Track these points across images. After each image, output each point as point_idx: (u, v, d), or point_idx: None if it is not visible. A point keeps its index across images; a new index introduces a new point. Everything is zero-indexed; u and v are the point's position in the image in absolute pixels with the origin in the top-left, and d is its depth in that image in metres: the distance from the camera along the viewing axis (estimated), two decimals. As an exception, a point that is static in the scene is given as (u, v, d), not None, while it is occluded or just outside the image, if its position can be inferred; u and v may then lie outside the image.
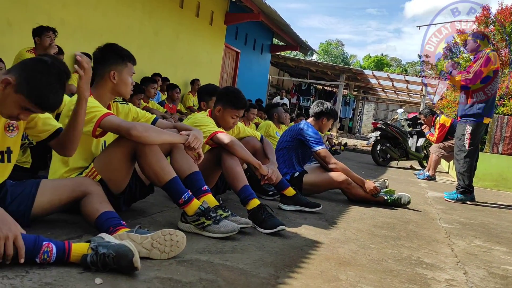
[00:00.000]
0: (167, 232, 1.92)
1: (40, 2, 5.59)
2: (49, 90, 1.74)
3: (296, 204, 3.40)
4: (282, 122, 6.42)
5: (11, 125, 1.93)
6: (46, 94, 1.73)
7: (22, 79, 1.71)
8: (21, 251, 1.54)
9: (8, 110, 1.74)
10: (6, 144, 1.93)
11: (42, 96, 1.73)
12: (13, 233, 1.53)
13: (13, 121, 1.92)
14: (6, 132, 1.91)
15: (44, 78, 1.73)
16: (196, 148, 2.41)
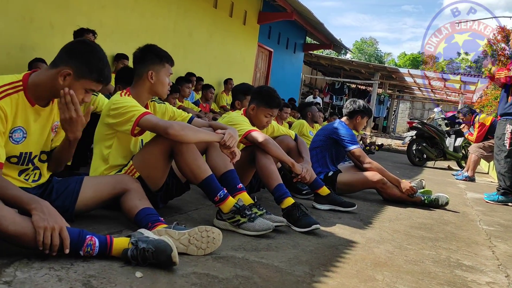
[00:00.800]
0: (203, 228, 1.96)
1: (80, 5, 5.78)
2: (103, 64, 1.84)
3: (330, 204, 3.38)
4: (316, 121, 6.39)
5: (57, 128, 2.00)
6: (102, 68, 1.83)
7: (79, 65, 1.81)
8: (66, 241, 1.60)
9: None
10: (48, 143, 2.01)
11: (100, 71, 1.82)
12: (59, 225, 1.59)
13: (56, 123, 1.99)
14: (53, 133, 1.99)
15: (95, 56, 1.83)
16: (232, 147, 2.44)
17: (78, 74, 1.81)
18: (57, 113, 1.97)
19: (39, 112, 1.90)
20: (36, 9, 5.17)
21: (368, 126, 15.64)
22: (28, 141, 1.88)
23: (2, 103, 1.73)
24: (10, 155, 1.83)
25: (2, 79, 1.79)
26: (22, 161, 1.89)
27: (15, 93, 1.79)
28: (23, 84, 1.82)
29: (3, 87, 1.76)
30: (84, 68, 1.82)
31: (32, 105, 1.85)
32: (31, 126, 1.87)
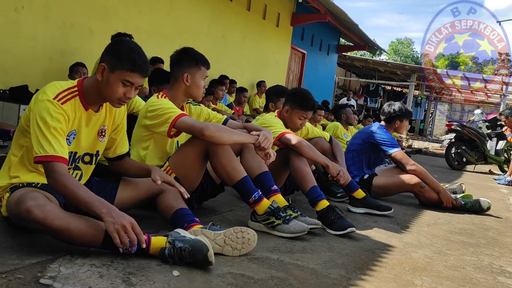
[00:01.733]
0: (239, 229, 1.97)
1: (118, 11, 5.94)
2: (133, 52, 1.86)
3: (366, 207, 3.32)
4: (350, 123, 6.30)
5: (103, 132, 2.06)
6: (133, 56, 1.85)
7: (110, 58, 1.86)
8: (140, 236, 1.64)
9: (114, 94, 1.87)
10: (97, 148, 2.07)
11: (130, 60, 1.84)
12: (129, 222, 1.63)
13: (105, 128, 2.05)
14: (99, 137, 2.05)
15: (123, 47, 1.87)
16: (266, 148, 2.43)
17: (111, 67, 1.86)
18: (105, 117, 2.04)
19: (91, 116, 1.96)
20: (76, 16, 5.35)
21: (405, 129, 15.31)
22: (77, 142, 1.95)
23: (65, 107, 1.81)
24: None
25: (60, 85, 1.86)
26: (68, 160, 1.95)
27: (73, 98, 1.86)
28: (78, 89, 1.90)
29: (63, 93, 1.83)
30: (115, 60, 1.85)
31: (86, 109, 1.93)
32: (82, 129, 1.94)
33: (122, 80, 1.86)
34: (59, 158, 1.72)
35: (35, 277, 1.46)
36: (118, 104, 1.93)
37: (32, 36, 4.88)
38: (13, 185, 1.83)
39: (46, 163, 1.71)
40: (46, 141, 1.71)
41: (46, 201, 1.64)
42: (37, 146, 1.71)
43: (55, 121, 1.75)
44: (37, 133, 1.73)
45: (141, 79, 1.90)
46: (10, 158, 1.89)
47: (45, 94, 1.79)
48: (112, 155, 2.17)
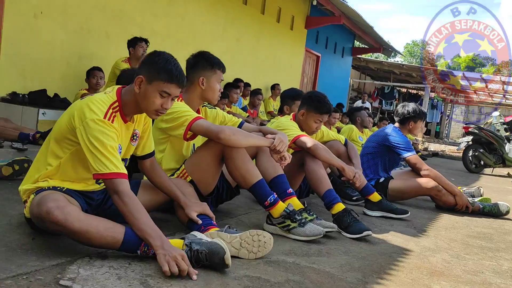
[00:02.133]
0: (255, 232, 1.97)
1: (133, 15, 6.00)
2: (170, 63, 1.90)
3: (381, 210, 3.29)
4: (365, 126, 6.27)
5: (135, 136, 2.08)
6: (170, 67, 1.88)
7: (148, 70, 1.89)
8: (190, 269, 1.64)
9: (152, 105, 1.89)
10: (130, 152, 2.10)
11: (167, 70, 1.87)
12: (180, 254, 1.65)
13: (136, 132, 2.07)
14: (132, 142, 2.07)
15: (161, 59, 1.90)
16: (282, 151, 2.43)
17: (149, 78, 1.88)
18: (136, 124, 2.06)
19: (129, 127, 2.00)
20: (93, 20, 5.43)
21: (420, 131, 15.14)
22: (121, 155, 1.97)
23: (115, 125, 1.85)
24: None
25: (102, 102, 1.86)
26: None
27: (116, 113, 1.90)
28: (119, 104, 1.92)
29: (109, 111, 1.85)
30: (152, 71, 1.88)
31: (125, 122, 1.96)
32: (123, 140, 1.98)
33: (159, 91, 1.87)
34: (121, 175, 1.75)
35: (55, 279, 1.48)
36: (155, 115, 1.94)
37: (50, 41, 4.97)
38: (39, 188, 1.86)
39: (109, 180, 1.74)
40: (106, 159, 1.74)
41: (66, 203, 1.66)
42: (97, 164, 1.74)
43: (111, 140, 1.79)
44: (94, 152, 1.75)
45: (178, 90, 1.91)
46: (39, 165, 1.91)
47: (94, 114, 1.80)
48: (141, 153, 2.19)
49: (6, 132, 3.59)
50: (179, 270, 1.61)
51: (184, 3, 6.94)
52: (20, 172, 2.83)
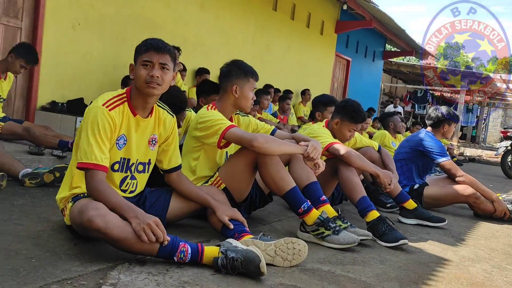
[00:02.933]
0: (289, 240, 1.97)
1: (166, 24, 6.13)
2: (147, 40, 2.00)
3: (417, 218, 3.22)
4: (398, 131, 6.15)
5: (153, 140, 2.13)
6: (145, 42, 1.99)
7: (134, 57, 2.00)
8: (164, 234, 1.71)
9: (139, 78, 1.95)
10: (148, 156, 2.14)
11: (143, 44, 1.98)
12: (153, 220, 1.72)
13: (155, 136, 2.13)
14: (150, 146, 2.12)
15: (140, 43, 2.00)
16: (315, 159, 2.42)
17: (135, 60, 1.99)
18: (154, 126, 2.11)
19: (139, 122, 2.04)
20: (128, 30, 5.58)
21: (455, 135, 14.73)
22: (128, 148, 2.03)
23: (113, 113, 1.92)
24: (114, 161, 2.00)
25: (111, 93, 2.00)
26: (122, 167, 2.04)
27: (121, 104, 1.98)
28: (127, 96, 2.01)
29: (112, 99, 1.96)
30: (135, 55, 1.99)
31: (134, 114, 2.01)
32: (131, 134, 2.03)
33: (142, 64, 1.95)
34: (99, 167, 1.84)
35: (98, 284, 1.53)
36: (147, 88, 1.95)
37: (87, 51, 5.13)
38: (74, 195, 1.93)
39: (87, 170, 1.83)
40: (90, 149, 1.83)
41: (106, 211, 1.71)
42: (82, 152, 1.84)
43: (102, 128, 1.87)
44: (84, 139, 1.86)
45: (157, 55, 1.95)
46: (72, 170, 1.99)
47: (96, 102, 1.93)
48: (167, 167, 2.23)
49: (46, 139, 3.73)
50: (155, 237, 1.68)
51: (215, 11, 7.04)
52: (61, 179, 2.90)
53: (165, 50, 1.97)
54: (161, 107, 2.16)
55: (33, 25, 4.63)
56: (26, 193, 2.72)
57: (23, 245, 1.80)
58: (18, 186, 2.84)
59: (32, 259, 1.67)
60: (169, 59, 1.98)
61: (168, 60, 1.98)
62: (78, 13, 4.96)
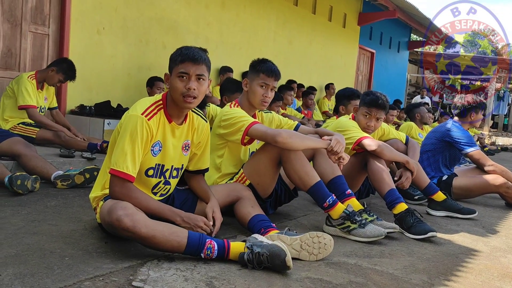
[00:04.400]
0: (315, 234, 1.98)
1: (188, 25, 6.20)
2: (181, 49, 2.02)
3: (446, 210, 3.17)
4: (425, 122, 6.04)
5: (187, 146, 2.16)
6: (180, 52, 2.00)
7: (169, 65, 2.02)
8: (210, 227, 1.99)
9: (176, 91, 1.96)
10: (182, 162, 2.18)
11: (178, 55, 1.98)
12: (201, 220, 1.97)
13: (189, 142, 2.15)
14: (183, 151, 2.15)
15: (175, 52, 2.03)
16: (339, 152, 2.42)
17: (170, 71, 2.00)
18: (188, 133, 2.14)
19: (174, 129, 2.07)
20: (151, 32, 5.67)
21: (486, 124, 14.33)
22: (163, 155, 2.06)
23: (151, 122, 1.94)
24: (148, 167, 2.03)
25: (148, 100, 2.01)
26: (156, 173, 2.07)
27: (158, 111, 2.00)
28: (163, 102, 2.03)
29: (150, 108, 1.97)
30: (170, 64, 2.00)
31: (169, 121, 2.04)
32: (166, 141, 2.05)
33: (178, 75, 1.95)
34: (129, 177, 1.88)
35: (128, 280, 1.58)
36: (184, 103, 1.97)
37: (112, 55, 5.25)
38: (106, 195, 1.99)
39: (118, 178, 1.87)
40: (124, 157, 1.87)
41: (134, 210, 1.76)
42: (117, 159, 1.88)
43: (140, 137, 1.89)
44: (120, 146, 1.89)
45: (194, 66, 1.94)
46: (105, 171, 2.03)
47: (135, 110, 1.95)
48: (193, 168, 2.26)
49: (76, 142, 3.84)
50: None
51: (236, 9, 7.07)
52: (91, 180, 3.02)
53: (201, 61, 1.97)
54: (195, 113, 2.17)
55: (59, 31, 4.77)
56: (58, 194, 2.81)
57: (57, 244, 1.87)
58: (51, 188, 2.95)
59: (65, 258, 1.73)
60: (205, 69, 1.99)
61: (204, 70, 1.98)
62: (103, 18, 5.08)
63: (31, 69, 4.52)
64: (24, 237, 1.94)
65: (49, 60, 4.69)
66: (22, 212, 2.35)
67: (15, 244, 1.84)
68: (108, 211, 1.81)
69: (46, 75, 3.99)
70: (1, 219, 2.18)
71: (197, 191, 2.28)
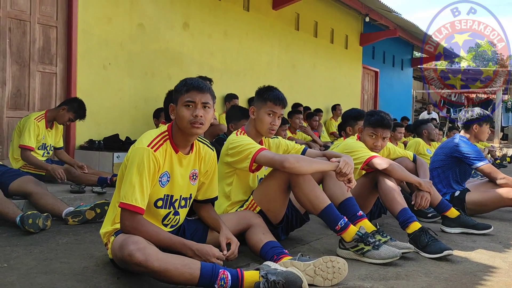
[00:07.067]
0: (328, 259, 1.95)
1: (192, 55, 6.31)
2: (185, 80, 2.06)
3: (461, 226, 3.12)
4: (432, 139, 5.99)
5: (194, 175, 2.17)
6: (184, 82, 2.04)
7: (174, 96, 2.05)
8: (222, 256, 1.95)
9: (182, 120, 1.98)
10: (190, 191, 2.18)
11: (183, 85, 2.02)
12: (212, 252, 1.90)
13: (196, 171, 2.16)
14: (191, 181, 2.15)
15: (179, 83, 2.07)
16: (348, 174, 2.40)
17: (175, 101, 2.02)
18: (195, 162, 2.15)
19: (181, 159, 2.08)
20: (156, 65, 5.77)
21: (496, 137, 14.20)
22: (171, 185, 2.07)
23: (157, 154, 1.96)
24: (157, 198, 2.04)
25: (154, 132, 2.04)
26: (165, 203, 2.07)
27: (164, 142, 2.02)
28: (169, 133, 2.05)
29: (156, 139, 1.99)
30: (175, 94, 2.03)
31: (176, 152, 2.05)
32: (174, 171, 2.06)
33: (185, 104, 1.98)
34: (138, 209, 1.88)
35: (141, 316, 1.56)
36: (191, 129, 1.98)
37: (119, 89, 5.34)
38: (117, 229, 1.99)
39: (128, 211, 1.88)
40: (132, 190, 1.87)
41: (146, 244, 1.76)
42: (125, 192, 1.88)
43: (147, 169, 1.91)
44: (127, 179, 1.90)
45: (199, 94, 1.98)
46: (115, 206, 2.04)
47: (140, 142, 1.97)
48: (202, 198, 2.26)
49: (86, 177, 3.87)
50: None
51: (238, 37, 7.19)
52: (102, 215, 3.02)
53: (206, 89, 2.01)
54: (201, 142, 2.19)
55: (66, 69, 4.87)
56: (69, 231, 2.82)
57: (70, 283, 1.87)
58: (62, 225, 2.95)
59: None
60: (209, 97, 2.03)
61: (209, 98, 2.02)
62: (108, 54, 5.18)
63: (40, 108, 4.61)
64: (36, 276, 1.94)
65: (57, 98, 4.78)
66: (34, 251, 2.35)
67: (27, 284, 1.84)
68: (120, 246, 1.80)
69: (57, 114, 4.06)
70: (14, 259, 2.18)
71: (207, 221, 2.27)
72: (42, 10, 4.67)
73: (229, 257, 2.03)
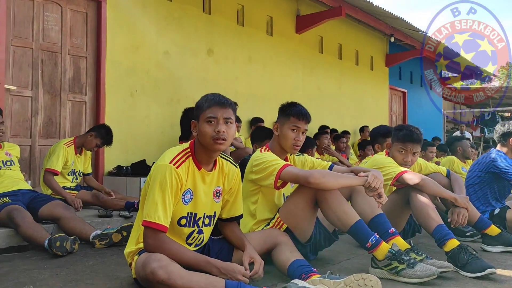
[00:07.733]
0: (359, 276, 1.85)
1: (217, 80, 6.38)
2: (206, 96, 2.06)
3: (503, 245, 2.95)
4: (467, 157, 5.76)
5: (218, 192, 2.12)
6: (205, 98, 2.04)
7: (195, 112, 2.03)
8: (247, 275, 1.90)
9: (205, 135, 1.95)
10: (214, 209, 2.13)
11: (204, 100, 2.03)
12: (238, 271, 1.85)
13: (220, 188, 2.12)
14: (215, 198, 2.11)
15: (200, 100, 2.06)
16: (378, 188, 2.30)
17: (196, 117, 2.00)
18: (219, 179, 2.11)
19: (204, 176, 2.04)
20: (181, 91, 5.85)
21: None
22: (195, 202, 2.03)
23: (179, 171, 1.93)
24: (180, 216, 2.00)
25: (176, 149, 2.01)
26: (189, 222, 2.03)
27: (187, 159, 1.99)
28: (191, 150, 2.02)
29: (178, 156, 1.97)
30: (196, 111, 2.01)
31: (199, 168, 2.02)
32: (197, 188, 2.02)
33: (207, 120, 1.95)
34: (161, 227, 1.84)
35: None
36: (214, 145, 1.95)
37: (146, 115, 5.42)
38: (141, 249, 1.95)
39: (151, 229, 1.84)
40: (155, 207, 1.84)
41: (168, 262, 1.71)
42: (148, 210, 1.85)
43: (170, 187, 1.88)
44: (150, 197, 1.87)
45: (221, 110, 1.96)
46: (138, 225, 2.01)
47: (163, 160, 1.95)
48: (226, 216, 2.20)
49: (114, 202, 3.89)
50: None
51: (262, 61, 7.24)
52: (128, 237, 2.99)
53: (228, 105, 1.99)
54: (224, 159, 2.15)
55: (95, 97, 4.99)
56: (96, 254, 2.80)
57: (93, 303, 1.83)
58: (89, 248, 2.95)
59: (101, 316, 1.68)
60: (231, 112, 2.00)
61: (231, 114, 2.00)
62: (135, 81, 5.30)
63: (70, 135, 4.71)
64: (60, 297, 1.91)
65: (87, 126, 4.88)
66: (60, 273, 2.33)
67: (51, 304, 1.81)
68: (143, 264, 1.77)
69: (85, 140, 4.14)
70: (40, 281, 2.17)
71: (232, 240, 2.20)
72: (72, 42, 4.84)
73: (253, 277, 1.95)
